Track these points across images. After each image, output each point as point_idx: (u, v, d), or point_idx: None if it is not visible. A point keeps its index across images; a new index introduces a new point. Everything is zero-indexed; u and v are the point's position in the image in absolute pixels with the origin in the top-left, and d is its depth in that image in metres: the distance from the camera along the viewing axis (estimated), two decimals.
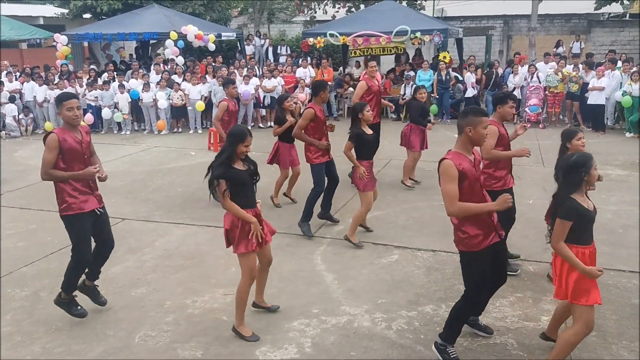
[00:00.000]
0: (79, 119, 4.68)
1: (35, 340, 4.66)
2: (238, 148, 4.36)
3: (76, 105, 4.63)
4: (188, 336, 4.69)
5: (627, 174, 9.57)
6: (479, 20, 26.70)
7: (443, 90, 14.95)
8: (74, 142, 4.65)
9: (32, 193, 9.02)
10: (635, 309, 5.04)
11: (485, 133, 4.02)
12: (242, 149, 4.38)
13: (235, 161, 4.41)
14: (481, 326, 4.66)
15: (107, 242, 4.97)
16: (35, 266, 6.16)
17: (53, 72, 15.58)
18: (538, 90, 14.27)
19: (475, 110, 4.07)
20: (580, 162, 3.77)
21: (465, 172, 3.92)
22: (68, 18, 23.30)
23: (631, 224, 7.15)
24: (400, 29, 15.37)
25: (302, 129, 6.78)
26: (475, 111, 4.05)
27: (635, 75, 12.78)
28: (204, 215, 7.74)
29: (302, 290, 5.50)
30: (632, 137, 12.76)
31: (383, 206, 7.87)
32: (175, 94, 14.39)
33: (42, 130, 14.91)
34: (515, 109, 5.79)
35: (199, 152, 12.00)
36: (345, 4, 23.48)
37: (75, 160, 4.67)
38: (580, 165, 3.76)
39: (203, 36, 16.64)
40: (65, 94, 4.78)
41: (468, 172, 3.94)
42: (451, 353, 4.22)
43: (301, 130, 6.79)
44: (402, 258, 6.25)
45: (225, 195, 4.32)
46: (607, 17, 27.08)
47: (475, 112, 4.04)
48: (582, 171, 3.74)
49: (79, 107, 4.68)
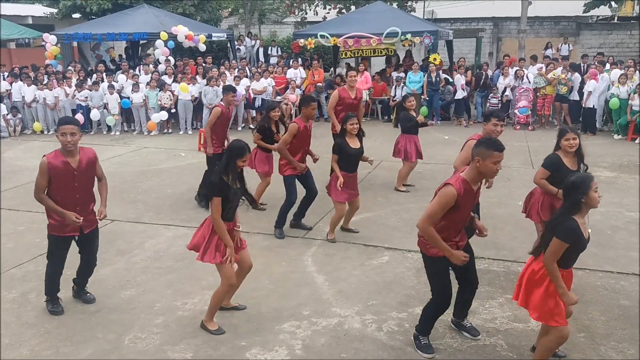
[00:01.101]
0: (70, 145, 4.60)
1: (24, 343, 4.62)
2: (237, 162, 4.51)
3: (70, 131, 4.56)
4: (178, 338, 4.67)
5: (615, 176, 9.65)
6: (469, 22, 26.80)
7: (433, 92, 14.99)
8: (63, 169, 4.63)
9: (20, 194, 8.94)
10: (624, 310, 5.09)
11: (495, 169, 3.86)
12: (240, 164, 4.54)
13: (230, 176, 4.51)
14: (466, 327, 4.69)
15: (90, 262, 5.12)
16: (23, 268, 6.11)
17: (42, 72, 15.47)
18: (527, 93, 14.36)
19: (489, 143, 3.87)
20: (577, 184, 3.63)
21: (460, 204, 3.93)
22: (57, 18, 23.12)
23: (619, 225, 7.22)
24: (390, 31, 15.42)
25: (287, 144, 6.73)
26: (489, 144, 3.86)
27: (622, 77, 12.91)
28: (194, 216, 7.71)
29: (293, 292, 5.49)
30: (620, 139, 12.89)
31: (374, 207, 7.88)
32: (164, 95, 14.33)
33: (31, 130, 14.81)
34: (503, 111, 5.83)
35: (189, 153, 11.95)
36: (336, 5, 23.49)
37: (62, 187, 4.67)
38: (577, 187, 3.62)
39: (193, 36, 16.58)
40: (63, 119, 4.82)
41: (462, 204, 3.94)
42: (422, 340, 4.44)
43: (285, 145, 6.73)
44: (393, 259, 6.26)
45: (217, 211, 4.45)
46: (595, 20, 27.31)
47: (489, 144, 3.85)
48: (580, 193, 3.60)
49: (73, 132, 4.58)
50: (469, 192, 3.94)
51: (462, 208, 3.96)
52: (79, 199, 4.79)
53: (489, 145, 3.84)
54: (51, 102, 14.52)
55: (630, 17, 27.44)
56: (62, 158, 4.65)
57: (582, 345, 4.53)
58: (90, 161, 4.82)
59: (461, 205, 3.93)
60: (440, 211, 3.92)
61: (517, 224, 7.01)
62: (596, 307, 5.09)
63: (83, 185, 4.79)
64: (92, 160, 4.84)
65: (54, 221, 4.80)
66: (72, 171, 4.67)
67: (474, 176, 3.95)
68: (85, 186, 4.81)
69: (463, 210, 3.98)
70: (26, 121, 15.03)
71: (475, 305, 5.17)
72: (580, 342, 4.57)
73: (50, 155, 4.68)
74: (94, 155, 4.90)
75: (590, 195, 3.60)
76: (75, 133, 4.60)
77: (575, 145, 5.11)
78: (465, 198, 3.92)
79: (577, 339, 4.62)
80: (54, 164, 4.62)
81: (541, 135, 13.26)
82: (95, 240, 5.07)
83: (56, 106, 14.54)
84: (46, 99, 14.54)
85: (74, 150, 4.67)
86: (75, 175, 4.69)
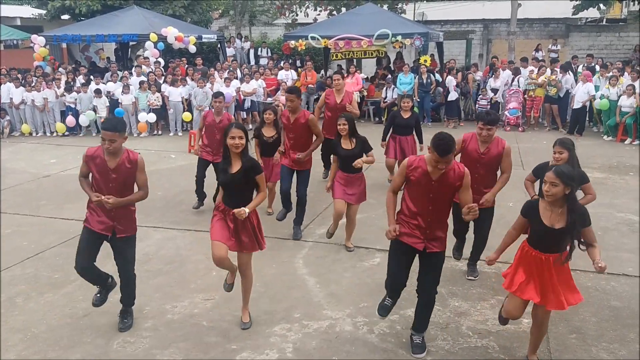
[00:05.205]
0: (108, 149, 4.44)
1: (10, 348, 4.55)
2: (227, 142, 4.42)
3: (109, 137, 4.40)
4: (167, 342, 4.62)
5: (605, 177, 9.69)
6: (459, 24, 26.90)
7: (424, 93, 15.01)
8: (99, 165, 4.51)
9: (8, 197, 8.84)
10: (615, 311, 5.10)
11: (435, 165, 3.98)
12: (229, 142, 4.40)
13: (232, 162, 4.46)
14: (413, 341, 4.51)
15: (123, 272, 4.79)
16: (10, 271, 6.03)
17: (32, 74, 15.32)
18: (517, 94, 14.41)
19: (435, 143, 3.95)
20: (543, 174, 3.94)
21: (411, 179, 4.15)
22: (46, 19, 22.97)
23: (609, 226, 7.24)
24: (381, 33, 15.43)
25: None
26: (434, 143, 3.95)
27: (613, 79, 12.99)
28: (184, 219, 7.65)
29: (284, 295, 5.46)
30: (609, 140, 12.96)
31: (365, 209, 7.84)
32: (153, 96, 14.24)
33: (19, 132, 14.67)
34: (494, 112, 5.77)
35: (179, 154, 11.88)
36: (326, 7, 23.49)
37: (99, 181, 4.55)
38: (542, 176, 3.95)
39: (183, 38, 16.52)
40: (104, 122, 4.61)
41: (415, 181, 4.13)
42: (385, 301, 4.62)
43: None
44: (384, 261, 6.15)
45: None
46: (584, 22, 27.49)
47: (434, 144, 3.95)
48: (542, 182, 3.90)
49: (112, 140, 4.41)
50: (423, 172, 4.09)
51: (416, 185, 4.15)
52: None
53: (434, 145, 3.94)
54: (40, 103, 14.39)
55: (618, 19, 27.66)
56: (102, 155, 4.54)
57: (573, 346, 4.53)
58: (131, 165, 4.59)
59: (413, 181, 4.15)
60: (398, 178, 4.28)
61: (508, 225, 6.88)
62: (587, 309, 5.09)
63: (117, 188, 4.54)
64: (132, 164, 4.60)
65: (88, 213, 4.66)
66: (106, 170, 4.51)
67: (430, 161, 4.07)
68: (119, 189, 4.55)
69: (417, 188, 4.15)
70: (14, 123, 14.89)
71: (466, 306, 5.18)
72: (572, 343, 4.57)
73: (93, 148, 4.61)
74: (137, 161, 4.63)
75: (544, 186, 3.84)
76: (114, 140, 4.42)
77: (561, 160, 4.88)
78: (417, 174, 4.11)
79: (569, 340, 4.62)
80: (93, 157, 4.54)
81: (531, 137, 13.31)
82: (128, 250, 4.76)
83: (45, 108, 14.42)
84: (34, 101, 14.40)
85: (114, 153, 4.51)
86: (110, 173, 4.51)
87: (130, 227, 4.74)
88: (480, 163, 5.39)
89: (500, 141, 5.42)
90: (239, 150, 4.42)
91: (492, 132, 5.31)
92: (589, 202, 4.96)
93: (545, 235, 3.90)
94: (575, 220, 3.79)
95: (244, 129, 4.48)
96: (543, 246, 3.95)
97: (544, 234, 3.90)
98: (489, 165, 5.42)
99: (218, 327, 4.81)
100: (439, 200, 4.15)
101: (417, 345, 4.45)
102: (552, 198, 3.81)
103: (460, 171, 4.11)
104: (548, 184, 3.79)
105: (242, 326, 4.81)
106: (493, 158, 5.39)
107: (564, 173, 3.75)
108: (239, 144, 4.39)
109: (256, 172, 4.49)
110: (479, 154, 5.39)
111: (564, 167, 3.87)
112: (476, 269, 5.85)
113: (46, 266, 6.15)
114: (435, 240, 4.24)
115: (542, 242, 3.95)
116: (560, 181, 3.73)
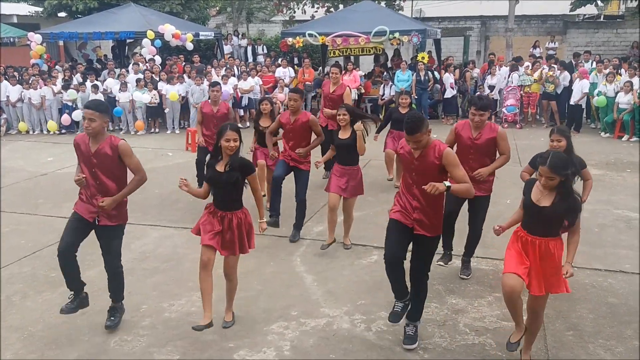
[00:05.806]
0: (87, 129, 4.44)
1: (8, 347, 4.54)
2: (221, 143, 4.42)
3: (88, 116, 4.41)
4: (165, 340, 4.62)
5: (602, 174, 9.69)
6: (456, 21, 26.88)
7: (422, 90, 15.00)
8: (83, 151, 4.53)
9: (6, 195, 8.82)
10: (612, 307, 5.10)
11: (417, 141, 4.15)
12: (224, 144, 4.40)
13: (221, 160, 4.47)
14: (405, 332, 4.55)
15: (107, 263, 4.78)
16: (8, 270, 6.02)
17: (30, 72, 15.28)
18: (515, 91, 14.41)
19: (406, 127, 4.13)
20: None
21: (400, 156, 4.51)
22: (43, 17, 22.91)
23: (607, 223, 7.25)
24: (379, 30, 15.40)
25: (272, 132, 7.09)
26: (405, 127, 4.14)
27: (610, 76, 13.00)
28: (181, 217, 7.65)
29: (282, 292, 5.46)
30: (607, 137, 12.98)
31: (363, 207, 7.84)
32: (150, 93, 14.21)
33: (16, 130, 14.63)
34: (492, 109, 5.79)
35: (176, 152, 11.87)
36: (324, 4, 23.45)
37: (83, 167, 4.56)
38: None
39: (180, 35, 16.48)
40: (87, 102, 4.66)
41: (404, 159, 4.41)
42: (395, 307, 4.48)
43: (270, 133, 7.09)
44: (382, 259, 6.19)
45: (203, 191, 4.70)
46: (582, 18, 27.48)
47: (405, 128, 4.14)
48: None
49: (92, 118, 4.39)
50: (408, 151, 4.28)
51: (403, 163, 4.49)
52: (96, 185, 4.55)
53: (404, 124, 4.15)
54: (37, 101, 14.35)
55: (616, 16, 27.65)
56: (87, 141, 4.54)
57: (570, 343, 4.53)
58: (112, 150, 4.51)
59: (401, 158, 4.50)
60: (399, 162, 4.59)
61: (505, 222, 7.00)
62: (584, 305, 5.10)
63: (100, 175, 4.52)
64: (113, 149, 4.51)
65: (77, 198, 4.68)
66: (89, 154, 4.50)
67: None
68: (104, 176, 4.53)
69: (404, 166, 4.46)
70: (11, 121, 14.85)
71: (464, 304, 5.19)
72: (569, 340, 4.58)
73: (81, 134, 4.63)
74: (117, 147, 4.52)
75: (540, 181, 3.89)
76: (94, 119, 4.39)
77: (560, 148, 4.85)
78: (403, 152, 4.37)
79: (566, 337, 4.62)
80: (79, 143, 4.56)
81: (529, 134, 13.31)
82: (113, 241, 4.72)
83: (42, 106, 14.39)
84: (31, 99, 14.37)
85: (93, 134, 4.47)
86: (91, 156, 4.49)
87: (115, 217, 4.68)
88: (473, 149, 5.43)
89: (493, 126, 5.47)
90: (233, 152, 4.44)
91: (484, 117, 5.36)
92: (590, 188, 5.30)
93: (529, 211, 3.98)
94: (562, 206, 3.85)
95: (238, 130, 4.49)
96: (529, 226, 4.01)
97: (528, 210, 3.99)
98: (482, 150, 5.44)
99: (215, 325, 4.79)
100: (422, 179, 4.14)
101: (408, 337, 4.51)
102: (549, 189, 3.87)
103: (440, 149, 4.17)
104: (544, 178, 3.81)
105: (223, 324, 4.79)
106: (485, 143, 5.40)
107: (557, 166, 3.77)
108: (234, 146, 4.41)
109: (247, 172, 4.51)
110: (472, 140, 5.42)
111: (558, 157, 3.84)
112: (469, 267, 5.83)
113: (44, 265, 6.14)
114: (422, 223, 4.29)
115: (528, 221, 4.02)
116: (556, 174, 3.78)
